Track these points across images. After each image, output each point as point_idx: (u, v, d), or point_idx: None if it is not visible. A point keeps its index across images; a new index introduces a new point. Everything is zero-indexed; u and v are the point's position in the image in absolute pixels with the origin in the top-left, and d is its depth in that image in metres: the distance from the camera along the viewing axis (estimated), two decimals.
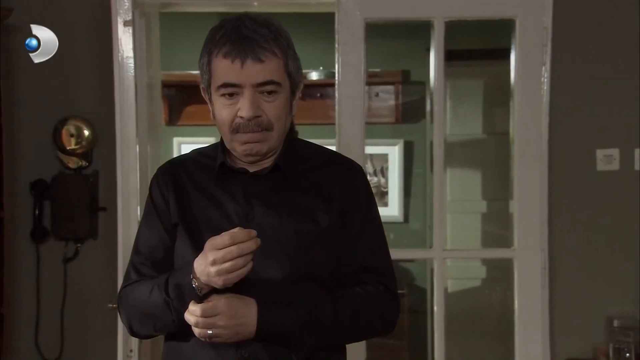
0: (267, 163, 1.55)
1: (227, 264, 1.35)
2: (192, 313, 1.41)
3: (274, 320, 1.43)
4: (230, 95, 1.47)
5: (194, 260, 1.44)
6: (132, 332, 1.59)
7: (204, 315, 1.39)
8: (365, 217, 1.58)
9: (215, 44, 1.47)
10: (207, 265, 1.38)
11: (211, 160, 1.58)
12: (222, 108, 1.49)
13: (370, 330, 1.59)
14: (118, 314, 1.61)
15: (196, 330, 1.41)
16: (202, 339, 1.42)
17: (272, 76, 1.47)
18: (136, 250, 1.59)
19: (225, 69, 1.46)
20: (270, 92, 1.48)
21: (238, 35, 1.45)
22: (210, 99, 1.53)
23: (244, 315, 1.42)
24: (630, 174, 2.87)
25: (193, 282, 1.41)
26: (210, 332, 1.40)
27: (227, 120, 1.49)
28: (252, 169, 1.55)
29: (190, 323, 1.42)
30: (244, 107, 1.46)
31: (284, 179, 1.54)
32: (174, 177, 1.58)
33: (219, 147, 1.58)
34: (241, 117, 1.47)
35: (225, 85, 1.47)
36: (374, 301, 1.54)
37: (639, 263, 2.85)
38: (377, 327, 1.58)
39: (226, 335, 1.41)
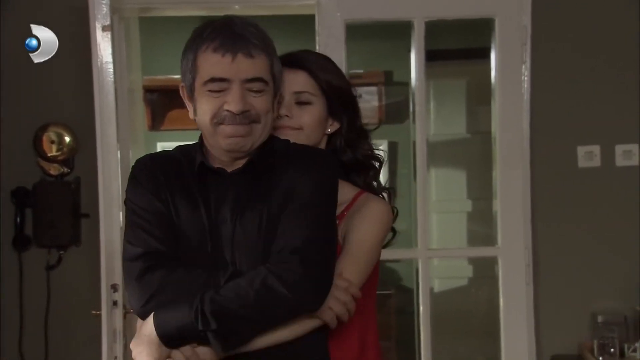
0: (242, 162, 1.51)
1: None
2: None
3: (165, 316, 1.41)
4: (217, 91, 1.44)
5: None
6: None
7: None
8: (303, 195, 1.46)
9: (204, 40, 1.45)
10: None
11: (192, 158, 1.55)
12: (206, 102, 1.46)
13: (280, 303, 1.40)
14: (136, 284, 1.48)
15: None
16: None
17: (261, 73, 1.45)
18: (139, 217, 1.53)
19: (214, 63, 1.43)
20: (257, 90, 1.46)
21: (229, 31, 1.45)
22: (192, 96, 1.49)
23: (146, 327, 1.45)
24: (611, 170, 2.89)
25: None
26: None
27: (210, 112, 1.45)
28: (229, 169, 1.52)
29: None
30: (233, 101, 1.43)
31: (259, 177, 1.50)
32: (155, 175, 1.54)
33: (198, 146, 1.55)
34: (228, 111, 1.44)
35: (213, 79, 1.44)
36: (270, 276, 1.40)
37: (627, 259, 2.87)
38: (286, 299, 1.39)
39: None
